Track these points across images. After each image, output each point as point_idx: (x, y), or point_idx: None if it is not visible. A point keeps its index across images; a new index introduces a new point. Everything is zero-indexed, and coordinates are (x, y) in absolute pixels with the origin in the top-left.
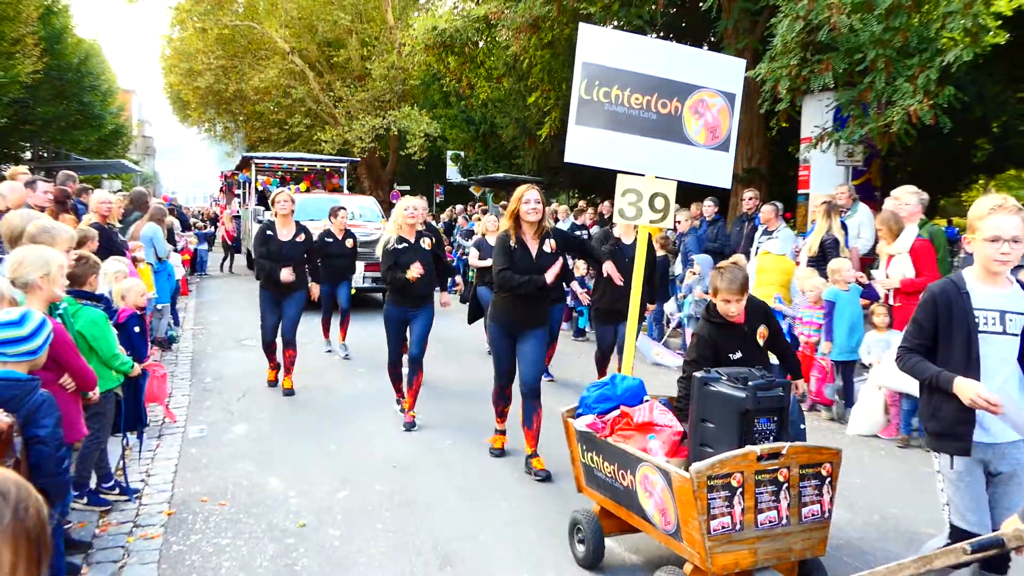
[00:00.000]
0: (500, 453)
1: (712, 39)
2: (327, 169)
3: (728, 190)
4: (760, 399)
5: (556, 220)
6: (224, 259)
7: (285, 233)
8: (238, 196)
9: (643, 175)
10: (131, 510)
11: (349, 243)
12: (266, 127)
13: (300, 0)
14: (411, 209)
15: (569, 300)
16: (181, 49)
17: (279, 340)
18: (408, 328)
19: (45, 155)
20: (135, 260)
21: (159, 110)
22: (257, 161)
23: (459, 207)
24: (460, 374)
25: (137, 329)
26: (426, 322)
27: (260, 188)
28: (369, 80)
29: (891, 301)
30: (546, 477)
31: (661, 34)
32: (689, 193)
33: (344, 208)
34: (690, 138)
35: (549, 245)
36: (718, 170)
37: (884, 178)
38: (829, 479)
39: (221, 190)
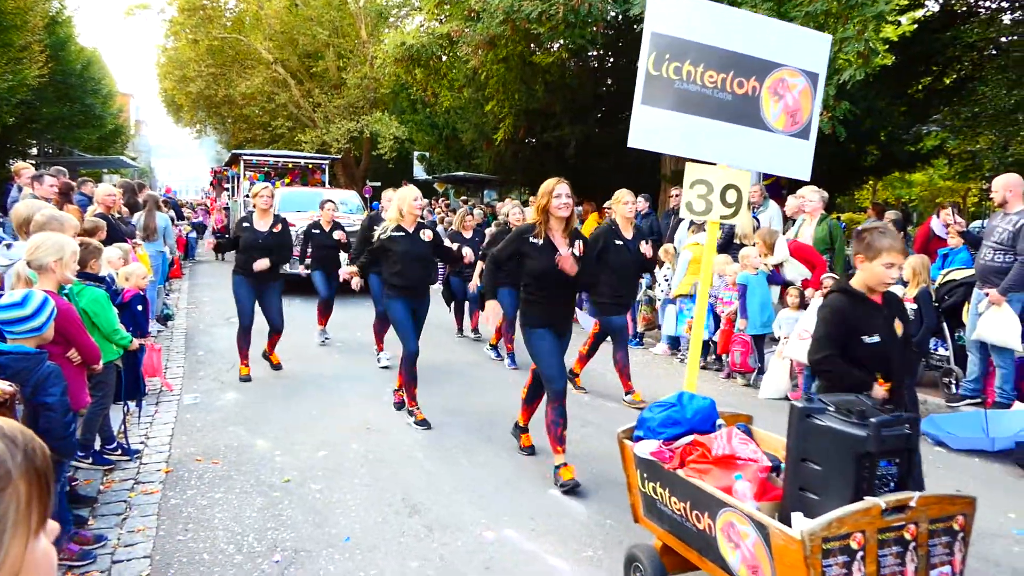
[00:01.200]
0: (531, 451)
1: None
2: (310, 166)
3: (659, 188)
4: (885, 439)
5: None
6: (216, 247)
7: (262, 224)
8: (227, 190)
9: (715, 164)
10: (132, 469)
11: (337, 234)
12: (252, 128)
13: (282, 16)
14: (417, 200)
15: None
16: (175, 58)
17: (260, 331)
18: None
19: (50, 151)
20: (135, 246)
21: (155, 112)
22: (245, 157)
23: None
24: (427, 347)
25: (140, 308)
26: (425, 314)
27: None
28: (345, 88)
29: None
30: (574, 487)
31: (601, 52)
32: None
33: (332, 201)
34: (768, 123)
35: (578, 247)
36: (797, 160)
37: (790, 179)
38: (962, 534)
39: (212, 184)
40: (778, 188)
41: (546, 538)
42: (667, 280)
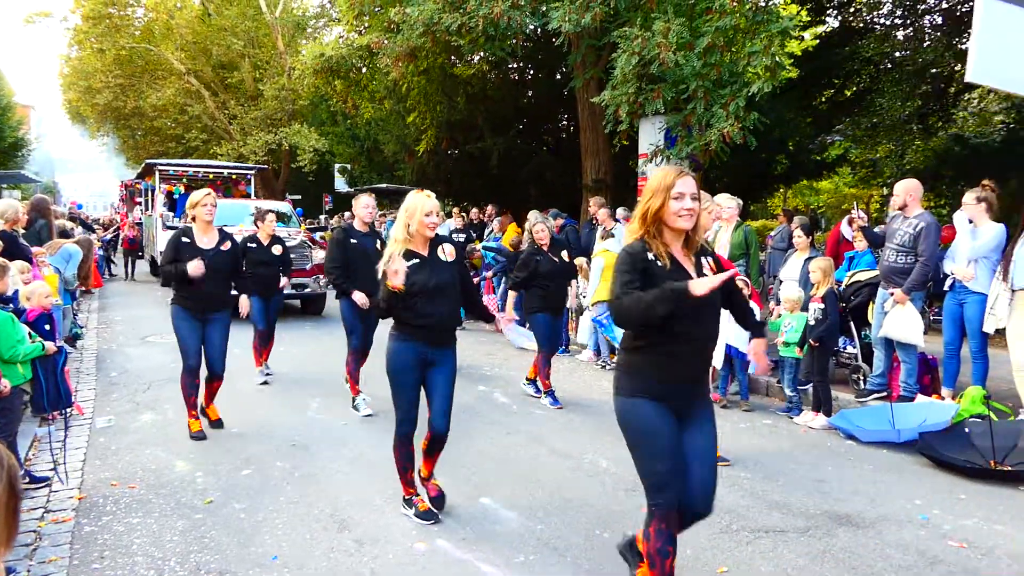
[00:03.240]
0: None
1: (564, 70)
2: (233, 176)
3: (579, 197)
4: None
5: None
6: (126, 265)
7: (206, 241)
8: (140, 203)
9: None
10: (41, 497)
11: (276, 249)
12: (164, 141)
13: (194, 26)
14: (432, 215)
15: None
16: (79, 68)
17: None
18: (426, 381)
19: None
20: (39, 265)
21: (59, 124)
22: (161, 168)
23: (347, 214)
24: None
25: (48, 327)
26: (452, 373)
27: (165, 194)
28: (262, 100)
29: None
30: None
31: (521, 64)
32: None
33: (272, 212)
34: None
35: (708, 265)
36: None
37: (706, 187)
38: None
39: (121, 199)
40: None
41: (478, 546)
42: (578, 290)
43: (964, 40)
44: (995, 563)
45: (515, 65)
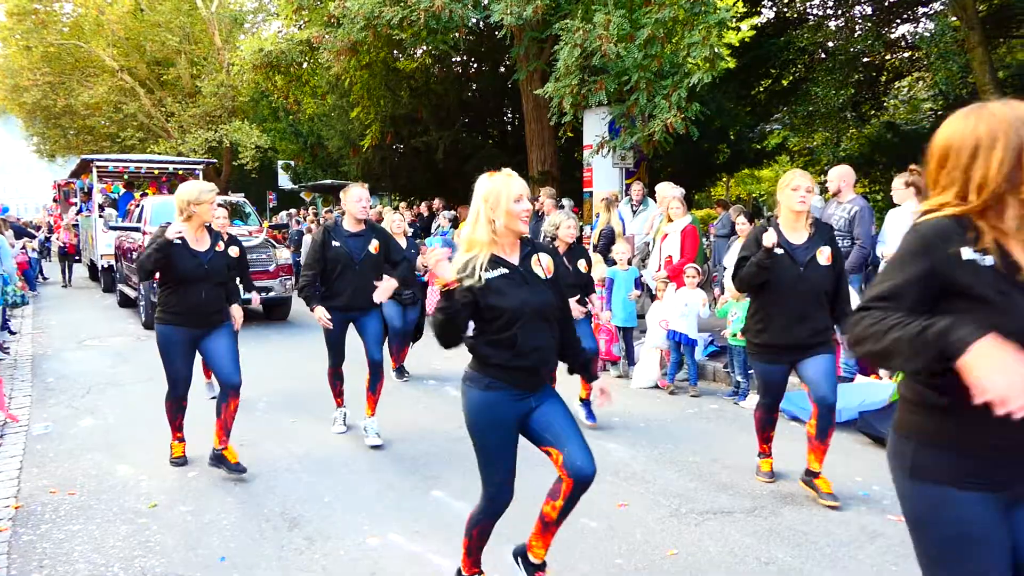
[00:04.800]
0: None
1: (507, 62)
2: (180, 171)
3: None
4: None
5: (380, 219)
6: (63, 271)
7: (200, 243)
8: (75, 204)
9: None
10: None
11: (233, 251)
12: (98, 140)
13: (126, 22)
14: (523, 200)
15: None
16: (5, 66)
17: (191, 393)
18: (533, 428)
19: None
20: None
21: None
22: (99, 164)
23: (292, 211)
24: (301, 359)
25: None
26: (562, 400)
27: (103, 193)
28: (200, 97)
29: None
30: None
31: (464, 57)
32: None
33: (224, 207)
34: None
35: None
36: None
37: (650, 177)
38: None
39: (55, 200)
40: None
41: (430, 538)
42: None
43: (893, 30)
44: None
45: (458, 58)
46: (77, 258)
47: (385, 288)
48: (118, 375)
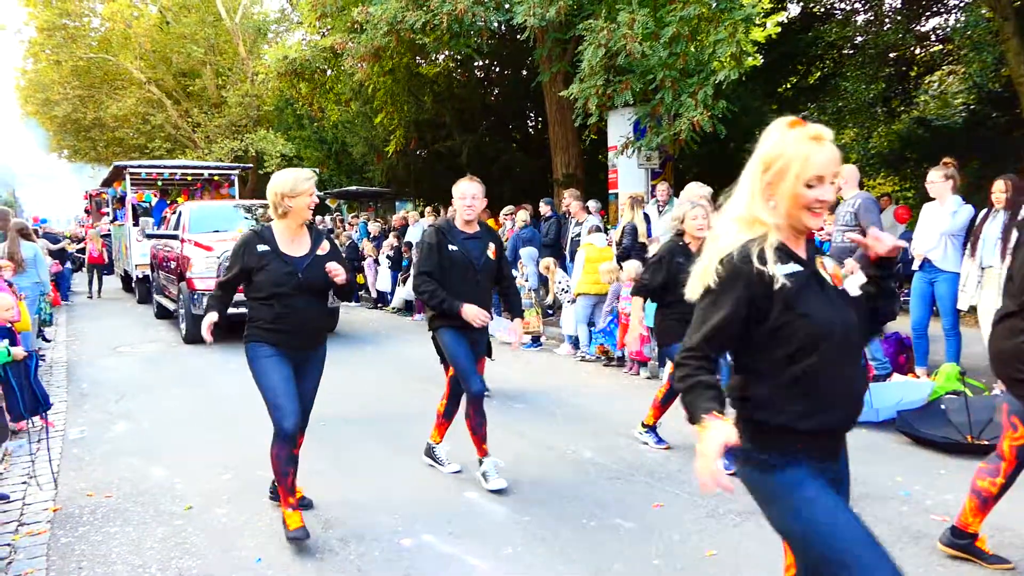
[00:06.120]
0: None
1: (530, 65)
2: (215, 177)
3: (551, 192)
4: None
5: (406, 224)
6: (91, 282)
7: (297, 247)
8: (107, 214)
9: None
10: (15, 511)
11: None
12: (127, 152)
13: (153, 34)
14: (829, 178)
15: None
16: (36, 80)
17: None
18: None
19: None
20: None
21: (18, 138)
22: (132, 171)
23: (319, 218)
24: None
25: (7, 340)
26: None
27: (134, 203)
28: (225, 107)
29: None
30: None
31: (487, 61)
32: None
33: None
34: None
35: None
36: None
37: (676, 178)
38: None
39: (86, 210)
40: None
41: (464, 540)
42: (559, 285)
43: (923, 23)
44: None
45: (481, 62)
46: (107, 270)
47: (518, 331)
48: (151, 381)
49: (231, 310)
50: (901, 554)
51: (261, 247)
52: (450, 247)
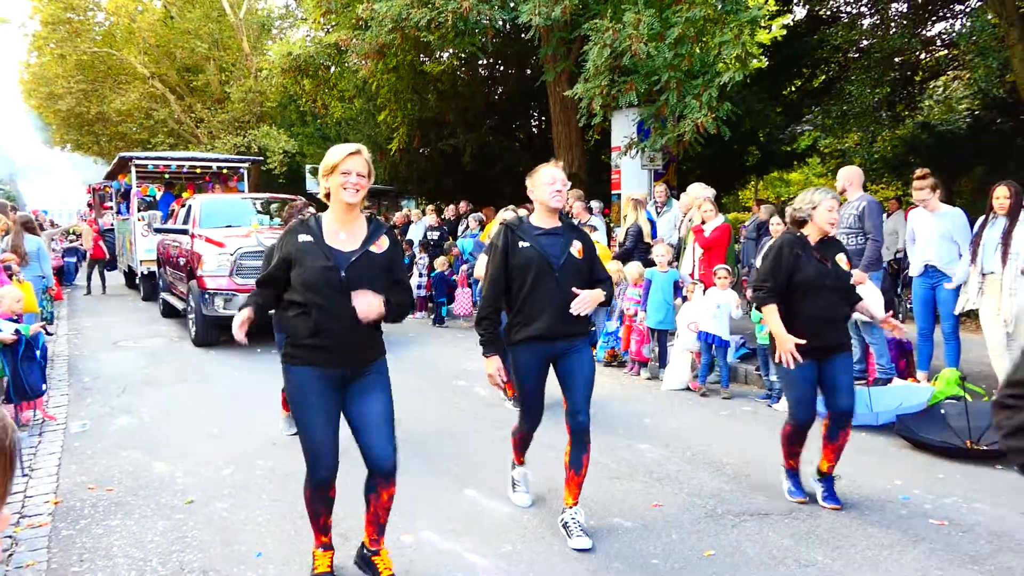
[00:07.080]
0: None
1: (534, 64)
2: (224, 170)
3: None
4: None
5: (410, 222)
6: (89, 278)
7: (345, 238)
8: (110, 208)
9: None
10: (16, 503)
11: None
12: (130, 146)
13: (157, 29)
14: None
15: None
16: (39, 74)
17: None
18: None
19: None
20: (9, 271)
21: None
22: (138, 163)
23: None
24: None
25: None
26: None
27: (139, 197)
28: (228, 102)
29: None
30: None
31: (491, 60)
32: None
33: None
34: None
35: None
36: None
37: (679, 180)
38: None
39: (89, 204)
40: (668, 188)
41: (465, 537)
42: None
43: (929, 28)
44: (976, 540)
45: (485, 61)
46: (109, 266)
47: (593, 297)
48: (153, 375)
49: (225, 312)
50: (901, 557)
51: (303, 237)
52: (521, 244)
